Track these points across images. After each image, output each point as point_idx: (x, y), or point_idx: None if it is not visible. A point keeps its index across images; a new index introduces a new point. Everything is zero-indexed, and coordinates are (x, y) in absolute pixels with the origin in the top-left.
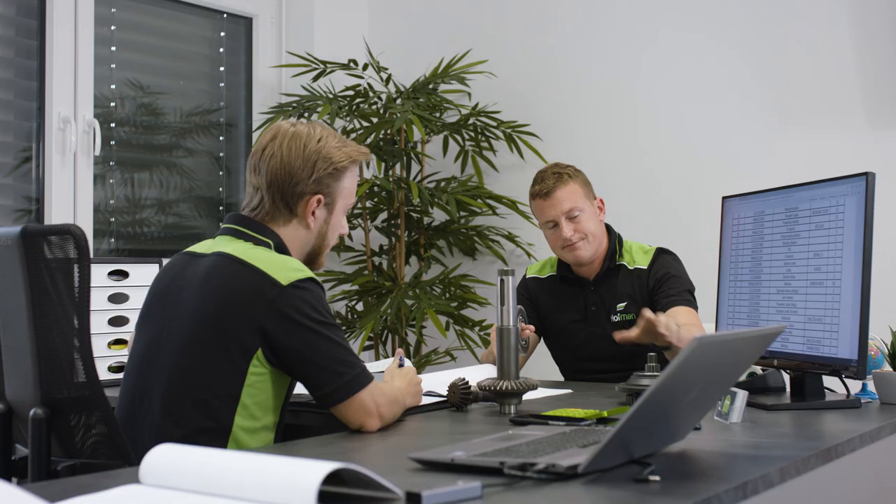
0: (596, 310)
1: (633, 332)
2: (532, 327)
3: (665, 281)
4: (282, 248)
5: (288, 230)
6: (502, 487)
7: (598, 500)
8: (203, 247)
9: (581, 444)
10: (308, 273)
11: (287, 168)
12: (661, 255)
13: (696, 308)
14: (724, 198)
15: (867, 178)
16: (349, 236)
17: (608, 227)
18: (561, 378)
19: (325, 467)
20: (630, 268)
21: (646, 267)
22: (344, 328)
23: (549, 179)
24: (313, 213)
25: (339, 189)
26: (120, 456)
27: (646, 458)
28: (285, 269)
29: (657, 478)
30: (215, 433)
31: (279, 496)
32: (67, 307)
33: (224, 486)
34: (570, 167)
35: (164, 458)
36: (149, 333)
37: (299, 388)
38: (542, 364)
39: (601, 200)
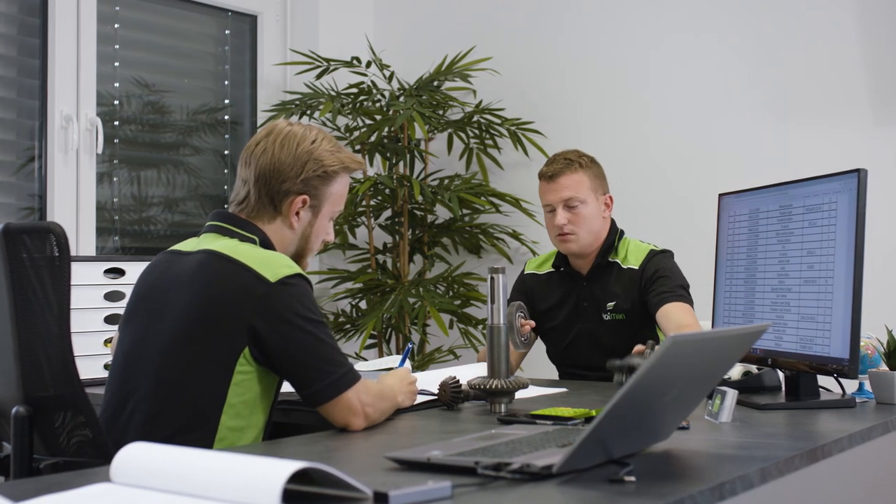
0: (588, 306)
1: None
2: (532, 323)
3: (656, 279)
4: (267, 245)
5: (272, 228)
6: (475, 488)
7: (570, 501)
8: (188, 245)
9: (560, 443)
10: (296, 269)
11: (277, 164)
12: (654, 256)
13: (690, 303)
14: (720, 195)
15: (859, 175)
16: (353, 234)
17: (612, 223)
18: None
19: (291, 466)
20: (623, 266)
21: (637, 267)
22: (347, 326)
23: (559, 164)
24: (297, 213)
25: (327, 193)
26: (103, 455)
27: (627, 458)
28: (273, 265)
29: (633, 478)
30: (202, 432)
31: (245, 495)
32: (49, 305)
33: (192, 485)
34: (586, 156)
35: (135, 457)
36: (134, 333)
37: (289, 387)
38: (542, 362)
39: (610, 198)
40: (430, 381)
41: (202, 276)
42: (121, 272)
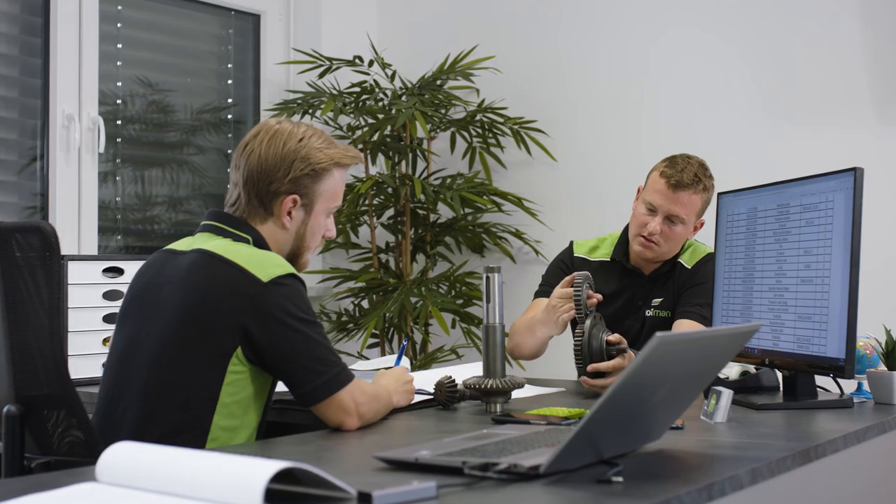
0: (641, 305)
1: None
2: (599, 296)
3: (692, 287)
4: (261, 244)
5: (265, 229)
6: (461, 488)
7: (555, 501)
8: (183, 244)
9: (550, 443)
10: (289, 269)
11: (263, 166)
12: (708, 260)
13: (708, 325)
14: (719, 194)
15: (855, 174)
16: (355, 233)
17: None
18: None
19: (274, 466)
20: (679, 266)
21: (689, 268)
22: (349, 325)
23: (688, 176)
24: (289, 213)
25: (319, 191)
26: (95, 455)
27: (617, 458)
28: (266, 265)
29: (620, 479)
30: (194, 432)
31: (228, 495)
32: (42, 304)
33: (176, 485)
34: (711, 178)
35: (120, 456)
36: (128, 332)
37: (284, 387)
38: (554, 361)
39: (703, 223)
40: (427, 380)
41: (195, 276)
42: (119, 271)
